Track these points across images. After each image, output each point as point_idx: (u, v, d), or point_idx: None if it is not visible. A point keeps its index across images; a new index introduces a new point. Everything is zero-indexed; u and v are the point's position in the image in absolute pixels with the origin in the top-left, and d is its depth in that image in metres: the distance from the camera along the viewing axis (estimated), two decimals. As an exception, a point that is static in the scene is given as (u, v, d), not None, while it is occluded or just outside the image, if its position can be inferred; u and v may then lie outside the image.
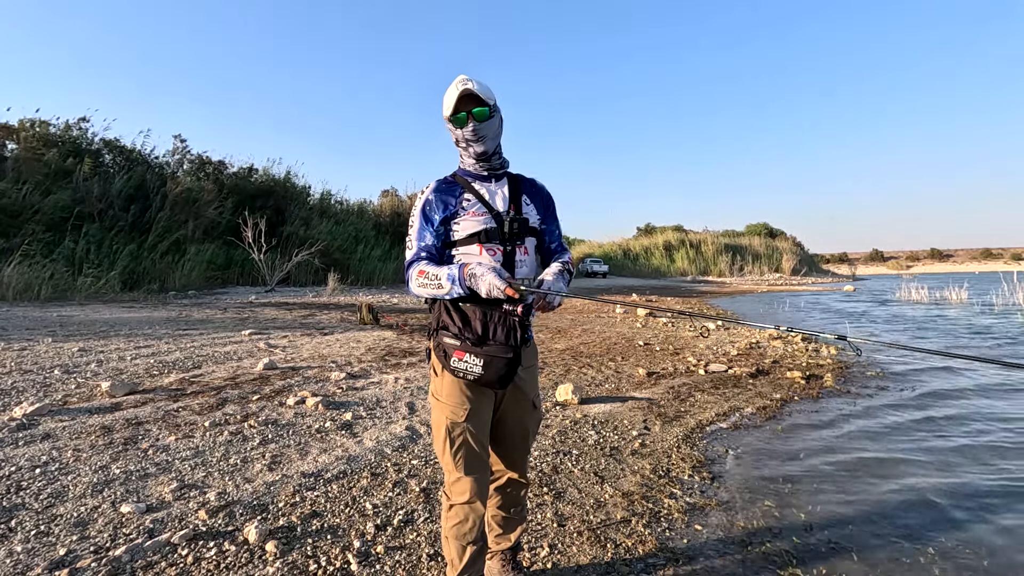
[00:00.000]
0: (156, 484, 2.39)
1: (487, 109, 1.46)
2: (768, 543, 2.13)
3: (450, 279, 1.38)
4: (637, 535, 2.14)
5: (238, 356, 5.18)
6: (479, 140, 1.49)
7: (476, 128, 1.46)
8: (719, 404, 4.14)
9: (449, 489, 1.50)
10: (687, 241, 44.01)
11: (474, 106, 1.44)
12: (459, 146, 1.53)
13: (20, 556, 1.80)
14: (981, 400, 4.44)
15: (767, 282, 34.09)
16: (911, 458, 3.13)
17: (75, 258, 10.98)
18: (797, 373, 5.16)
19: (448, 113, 1.46)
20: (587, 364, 5.54)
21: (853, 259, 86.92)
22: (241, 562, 1.85)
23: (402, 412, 3.64)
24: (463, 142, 1.50)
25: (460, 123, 1.46)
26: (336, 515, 2.21)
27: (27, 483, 2.33)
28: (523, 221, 1.50)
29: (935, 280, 28.54)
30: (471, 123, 1.45)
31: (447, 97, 1.47)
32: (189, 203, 14.14)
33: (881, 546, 2.14)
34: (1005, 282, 16.01)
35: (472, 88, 1.42)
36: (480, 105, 1.45)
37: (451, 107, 1.44)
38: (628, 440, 3.26)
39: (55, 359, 4.61)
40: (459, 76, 1.48)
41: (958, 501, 2.56)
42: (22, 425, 3.00)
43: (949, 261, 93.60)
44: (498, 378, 1.40)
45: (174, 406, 3.51)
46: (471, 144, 1.49)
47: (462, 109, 1.44)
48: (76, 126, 14.29)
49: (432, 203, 1.51)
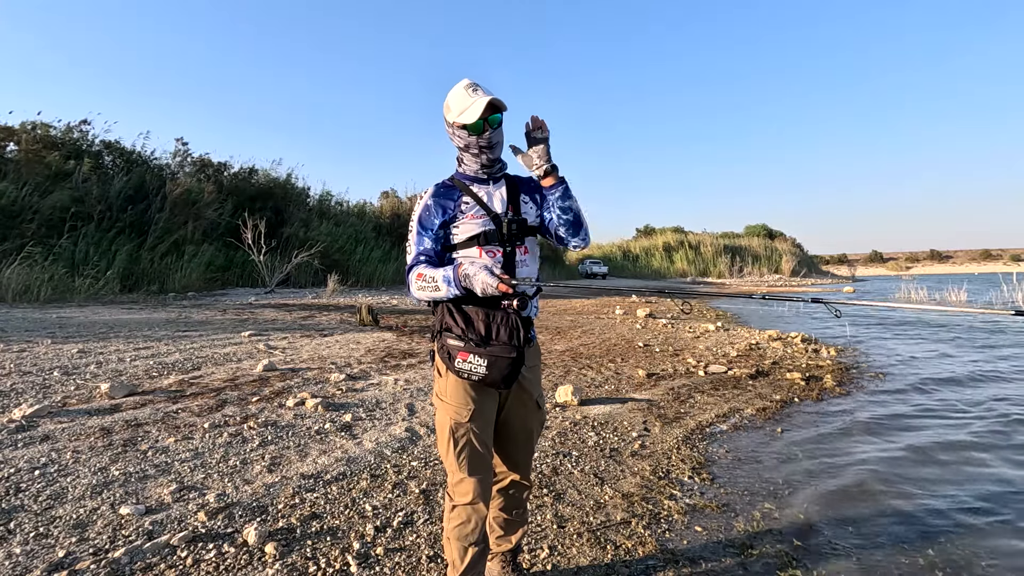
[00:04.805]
0: (155, 486, 2.39)
1: (501, 116, 1.46)
2: (768, 544, 2.13)
3: (446, 280, 1.39)
4: (637, 536, 2.14)
5: (238, 357, 5.17)
6: (492, 148, 1.49)
7: (491, 136, 1.46)
8: (719, 405, 4.14)
9: (452, 490, 1.50)
10: (686, 242, 44.04)
11: (491, 113, 1.44)
12: (467, 152, 1.51)
13: (19, 558, 1.80)
14: (981, 401, 4.44)
15: (767, 283, 34.11)
16: (911, 459, 3.13)
17: (74, 259, 10.97)
18: (797, 374, 5.16)
19: (465, 120, 1.42)
20: (587, 365, 5.54)
21: (852, 260, 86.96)
22: (240, 564, 1.84)
23: (402, 414, 3.63)
24: (475, 149, 1.48)
25: (477, 131, 1.44)
26: (336, 517, 2.20)
27: (26, 485, 2.32)
28: (521, 222, 1.50)
29: (934, 281, 28.56)
30: (488, 131, 1.45)
31: (457, 103, 1.44)
32: (189, 204, 14.12)
33: (881, 547, 2.14)
34: (1004, 283, 16.02)
35: (493, 97, 1.40)
36: (496, 112, 1.45)
37: (474, 115, 1.40)
38: (628, 441, 3.25)
39: (54, 360, 4.60)
40: (464, 80, 1.46)
41: (958, 502, 2.56)
42: (21, 427, 3.00)
43: (948, 262, 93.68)
44: (502, 378, 1.40)
45: (173, 408, 3.50)
46: (484, 152, 1.48)
47: (482, 117, 1.42)
48: (77, 128, 14.29)
49: (431, 208, 1.51)
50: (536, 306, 1.63)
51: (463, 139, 1.48)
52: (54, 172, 12.41)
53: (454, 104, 1.46)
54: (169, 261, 12.60)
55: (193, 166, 16.44)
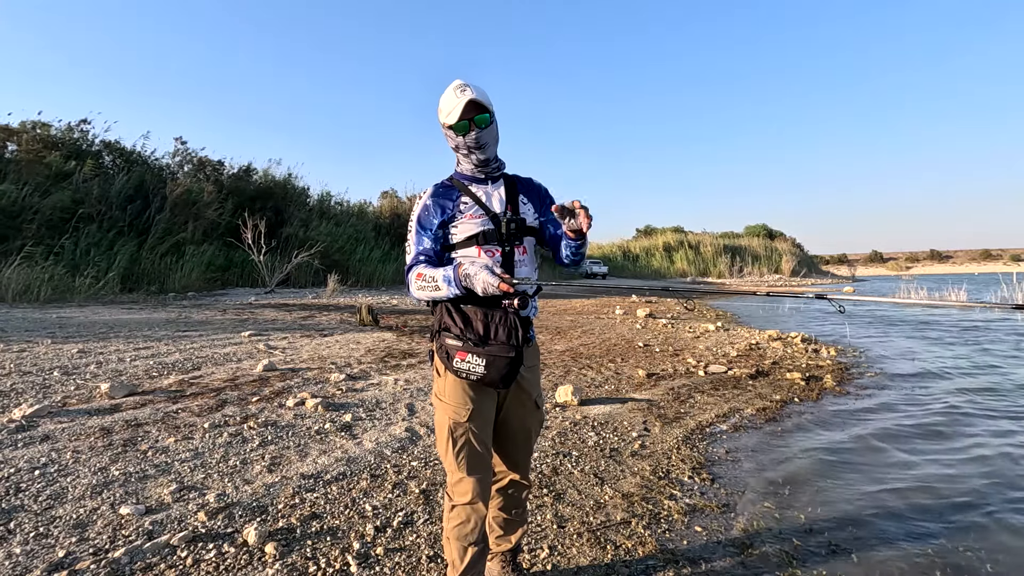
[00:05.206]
0: (155, 486, 2.39)
1: (488, 115, 1.46)
2: (768, 544, 2.13)
3: (446, 280, 1.39)
4: (637, 536, 2.14)
5: (237, 357, 5.17)
6: (481, 148, 1.49)
7: (478, 136, 1.46)
8: (719, 405, 4.14)
9: (451, 490, 1.50)
10: (686, 242, 44.04)
11: (476, 113, 1.44)
12: (459, 152, 1.53)
13: (19, 558, 1.80)
14: (982, 401, 4.44)
15: (767, 283, 34.10)
16: (911, 459, 3.13)
17: (75, 259, 10.97)
18: (797, 374, 5.16)
19: (451, 121, 1.44)
20: (587, 365, 5.54)
21: (852, 260, 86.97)
22: (240, 564, 1.84)
23: (402, 414, 3.63)
24: (464, 149, 1.49)
25: (462, 131, 1.45)
26: (336, 517, 2.20)
27: (26, 485, 2.33)
28: (520, 221, 1.51)
29: (934, 281, 28.54)
30: (474, 131, 1.45)
31: (445, 103, 1.45)
32: (189, 204, 14.12)
33: (881, 547, 2.14)
34: (1004, 283, 16.01)
35: (475, 96, 1.41)
36: (482, 112, 1.45)
37: (456, 115, 1.42)
38: (628, 441, 3.25)
39: (54, 360, 4.61)
40: (455, 81, 1.47)
41: (958, 502, 2.57)
42: (21, 427, 3.00)
43: (948, 262, 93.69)
44: (500, 378, 1.40)
45: (173, 408, 3.50)
46: (473, 152, 1.49)
47: (465, 117, 1.43)
48: (77, 128, 14.29)
49: (430, 208, 1.51)
50: (535, 306, 1.63)
51: (453, 140, 1.50)
52: (54, 172, 12.41)
53: (443, 106, 1.46)
54: (169, 261, 12.60)
55: (192, 166, 16.44)
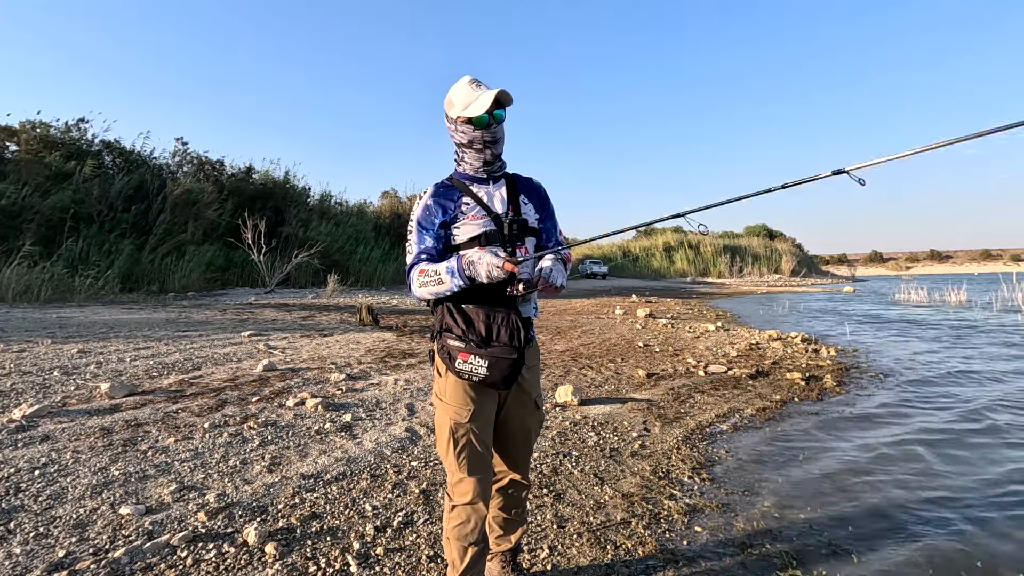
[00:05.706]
0: (155, 486, 2.39)
1: (504, 112, 1.47)
2: (768, 544, 2.13)
3: (449, 271, 1.39)
4: (637, 536, 2.14)
5: (237, 358, 5.17)
6: (496, 142, 1.49)
7: (496, 130, 1.46)
8: (719, 405, 4.14)
9: (452, 490, 1.50)
10: (686, 242, 44.01)
11: (496, 108, 1.44)
12: (470, 148, 1.49)
13: (19, 558, 1.80)
14: (982, 401, 4.44)
15: (767, 283, 34.10)
16: (911, 459, 3.13)
17: (75, 259, 10.97)
18: (797, 374, 5.15)
19: (472, 114, 1.42)
20: (587, 365, 5.54)
21: (852, 260, 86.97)
22: (240, 564, 1.84)
23: (402, 414, 3.63)
24: (479, 143, 1.47)
25: (483, 124, 1.44)
26: (336, 517, 2.20)
27: (26, 485, 2.33)
28: (522, 222, 1.50)
29: (934, 281, 28.55)
30: (493, 125, 1.45)
31: (461, 97, 1.44)
32: (189, 204, 14.13)
33: (881, 547, 2.14)
34: (1004, 283, 16.01)
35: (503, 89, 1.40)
36: (500, 107, 1.45)
37: (481, 107, 1.40)
38: (628, 441, 3.25)
39: (54, 360, 4.61)
40: (466, 76, 1.47)
41: (958, 502, 2.56)
42: (21, 427, 3.00)
43: (948, 262, 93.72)
44: (502, 379, 1.40)
45: (173, 408, 3.50)
46: (488, 147, 1.48)
47: (490, 110, 1.42)
48: (76, 127, 14.28)
49: (431, 207, 1.50)
50: (536, 306, 1.63)
51: (467, 134, 1.47)
52: (54, 172, 12.41)
53: (457, 99, 1.45)
54: (169, 261, 12.60)
55: (192, 166, 16.43)
